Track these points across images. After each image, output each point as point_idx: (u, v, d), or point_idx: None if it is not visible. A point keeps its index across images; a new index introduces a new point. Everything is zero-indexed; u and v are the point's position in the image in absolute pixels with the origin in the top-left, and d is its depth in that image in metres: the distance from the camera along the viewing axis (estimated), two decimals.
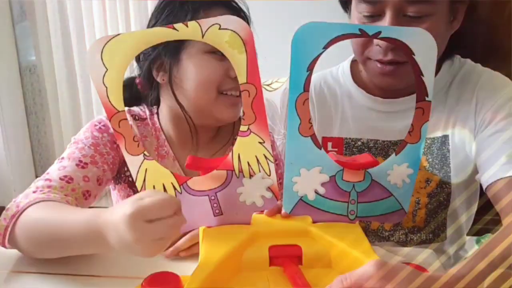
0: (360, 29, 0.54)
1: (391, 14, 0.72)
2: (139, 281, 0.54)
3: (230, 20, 0.54)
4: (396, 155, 0.61)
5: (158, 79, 0.79)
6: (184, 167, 0.66)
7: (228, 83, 0.76)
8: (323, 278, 0.55)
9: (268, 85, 1.19)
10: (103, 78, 0.54)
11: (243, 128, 0.58)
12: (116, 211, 0.52)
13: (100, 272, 0.65)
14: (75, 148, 0.76)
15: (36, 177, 0.75)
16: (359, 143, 0.87)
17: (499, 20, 1.93)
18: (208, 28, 0.54)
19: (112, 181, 0.84)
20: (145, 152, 0.58)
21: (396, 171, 0.61)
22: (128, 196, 0.84)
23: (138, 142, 0.58)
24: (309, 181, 0.59)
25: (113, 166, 0.79)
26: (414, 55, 0.56)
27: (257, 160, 0.59)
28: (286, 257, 0.57)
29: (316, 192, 0.60)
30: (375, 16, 0.75)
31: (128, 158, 0.57)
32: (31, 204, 0.64)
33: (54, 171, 0.72)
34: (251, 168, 0.59)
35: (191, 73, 0.76)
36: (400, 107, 0.85)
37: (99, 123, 0.80)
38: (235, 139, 0.69)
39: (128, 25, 2.00)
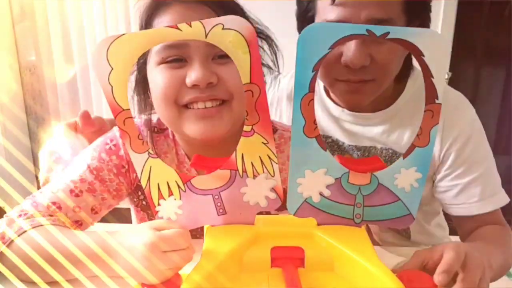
0: (367, 30, 0.53)
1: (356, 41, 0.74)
2: None
3: (233, 20, 0.54)
4: (403, 158, 0.59)
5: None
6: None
7: (187, 93, 0.65)
8: (325, 282, 0.55)
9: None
10: (109, 77, 0.54)
11: (246, 128, 0.57)
12: (133, 238, 0.55)
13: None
14: (77, 166, 0.72)
15: (36, 177, 0.74)
16: (330, 140, 0.93)
17: (499, 20, 1.94)
18: (211, 28, 0.54)
19: (131, 201, 0.81)
20: (150, 150, 0.58)
21: (403, 175, 0.59)
22: (142, 219, 0.82)
23: (142, 140, 0.58)
24: (314, 182, 0.59)
25: (117, 192, 0.74)
26: (423, 56, 0.54)
27: (261, 160, 0.59)
28: (288, 259, 0.57)
29: (321, 194, 0.60)
30: None
31: (132, 155, 0.58)
32: (19, 234, 0.61)
33: (48, 192, 0.69)
34: (255, 169, 0.59)
35: (152, 89, 0.69)
36: (364, 120, 0.89)
37: (111, 141, 0.75)
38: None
39: (128, 25, 1.99)
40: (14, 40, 2.13)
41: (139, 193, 0.79)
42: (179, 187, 0.59)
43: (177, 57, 0.65)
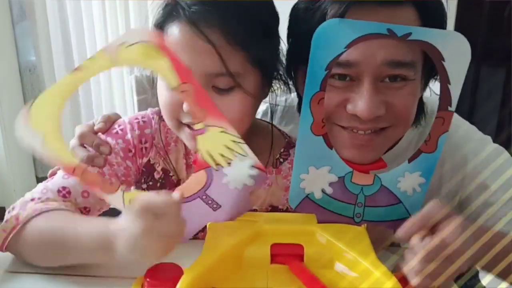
0: (388, 29, 0.50)
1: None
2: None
3: (134, 34, 0.52)
4: (409, 162, 0.59)
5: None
6: None
7: (184, 116, 0.66)
8: (324, 280, 0.55)
9: None
10: (44, 146, 0.53)
11: (197, 126, 0.57)
12: (125, 215, 0.55)
13: (98, 272, 0.65)
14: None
15: (36, 177, 0.75)
16: None
17: (499, 20, 1.94)
18: (116, 51, 0.52)
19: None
20: (122, 187, 0.58)
21: (407, 179, 0.59)
22: None
23: (109, 180, 0.59)
24: (317, 179, 0.59)
25: (125, 178, 0.74)
26: (443, 60, 0.52)
27: (228, 148, 0.58)
28: (288, 255, 0.57)
29: (323, 191, 0.60)
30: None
31: (108, 198, 0.58)
32: (33, 217, 0.63)
33: (58, 178, 0.70)
34: (226, 157, 0.59)
35: (158, 96, 0.71)
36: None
37: (118, 126, 0.75)
38: (277, 160, 0.74)
39: (128, 25, 1.99)
40: (14, 40, 2.13)
41: (143, 180, 0.78)
42: None
43: None
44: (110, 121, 0.75)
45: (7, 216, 0.66)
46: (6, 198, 2.07)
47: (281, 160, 0.77)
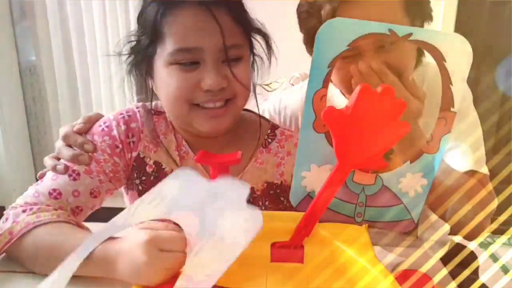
0: (389, 29, 0.51)
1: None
2: None
3: None
4: (411, 163, 0.59)
5: (149, 83, 0.75)
6: (208, 168, 0.62)
7: (201, 96, 0.69)
8: (323, 279, 0.55)
9: (267, 85, 1.19)
10: None
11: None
12: (131, 239, 0.55)
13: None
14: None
15: (36, 177, 0.74)
16: None
17: (499, 20, 1.94)
18: None
19: (125, 186, 0.81)
20: None
21: (408, 179, 0.59)
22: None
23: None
24: (318, 177, 0.59)
25: (114, 174, 0.74)
26: (445, 61, 0.52)
27: None
28: (288, 254, 0.57)
29: None
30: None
31: None
32: (26, 232, 0.63)
33: (47, 180, 0.71)
34: None
35: (161, 86, 0.71)
36: None
37: (104, 123, 0.75)
38: (266, 140, 0.77)
39: (128, 25, 2.00)
40: (14, 40, 2.13)
41: (135, 175, 0.77)
42: None
43: (192, 60, 0.68)
44: (90, 121, 0.76)
45: (0, 226, 0.66)
46: (6, 198, 2.07)
47: (269, 140, 0.82)
